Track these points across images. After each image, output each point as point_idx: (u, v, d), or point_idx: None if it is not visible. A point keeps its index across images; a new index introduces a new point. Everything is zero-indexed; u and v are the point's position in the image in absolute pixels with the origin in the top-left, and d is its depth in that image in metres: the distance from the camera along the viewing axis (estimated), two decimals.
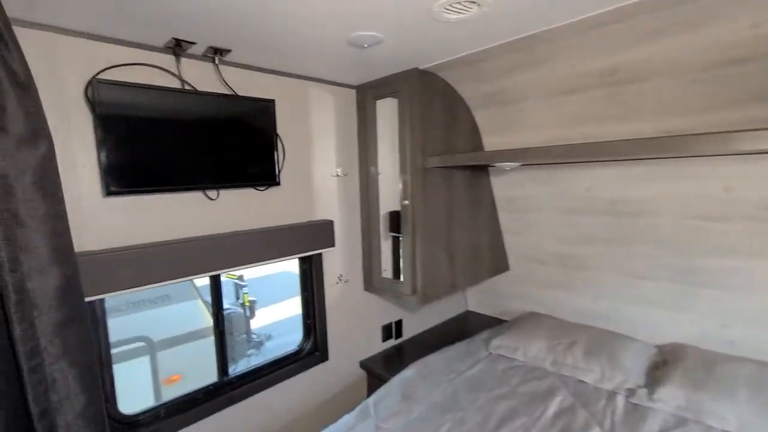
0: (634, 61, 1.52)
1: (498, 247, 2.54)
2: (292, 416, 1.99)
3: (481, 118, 2.20)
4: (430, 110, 1.95)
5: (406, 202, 1.98)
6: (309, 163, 1.99)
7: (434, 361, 2.12)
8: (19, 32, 1.16)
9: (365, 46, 1.46)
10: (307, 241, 1.93)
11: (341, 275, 2.18)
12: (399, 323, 2.56)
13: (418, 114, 1.89)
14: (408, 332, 2.63)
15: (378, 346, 2.44)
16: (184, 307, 3.52)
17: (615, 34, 1.44)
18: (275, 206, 1.85)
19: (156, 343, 3.06)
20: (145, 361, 3.01)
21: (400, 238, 2.07)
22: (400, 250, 2.10)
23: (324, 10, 1.19)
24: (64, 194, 1.27)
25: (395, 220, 2.12)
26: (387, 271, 2.24)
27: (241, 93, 1.66)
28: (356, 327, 2.30)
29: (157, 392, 3.04)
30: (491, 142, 2.25)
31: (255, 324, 4.92)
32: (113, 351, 1.48)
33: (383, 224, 2.19)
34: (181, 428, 1.59)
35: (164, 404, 1.61)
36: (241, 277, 4.87)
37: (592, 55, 1.58)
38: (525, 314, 2.58)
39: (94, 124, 1.29)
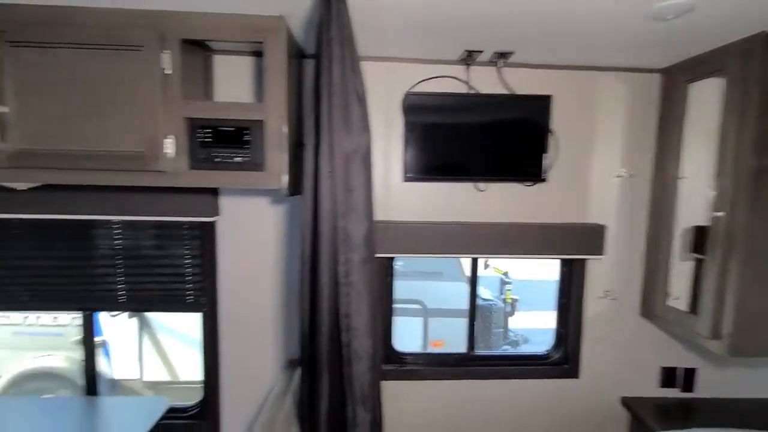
0: None
1: None
2: (526, 416, 1.95)
3: None
4: None
5: (720, 214, 1.48)
6: (585, 160, 1.83)
7: None
8: (370, 65, 1.72)
9: (669, 18, 1.20)
10: (571, 243, 1.81)
11: (608, 290, 1.91)
12: (690, 372, 1.96)
13: (756, 96, 1.37)
14: (706, 389, 1.97)
15: (651, 389, 1.97)
16: (452, 286, 4.03)
17: None
18: (541, 203, 1.83)
19: (428, 310, 3.70)
20: (419, 321, 3.70)
21: (704, 262, 1.58)
22: (702, 277, 1.60)
23: None
24: (382, 179, 1.79)
25: (700, 237, 1.63)
26: (678, 300, 1.76)
27: (519, 92, 1.74)
28: (622, 355, 1.95)
29: (424, 348, 3.68)
30: None
31: (514, 323, 4.97)
32: (399, 306, 1.95)
33: (681, 240, 1.73)
34: (431, 378, 1.90)
35: (423, 354, 1.98)
36: (506, 274, 5.03)
37: None
38: None
39: (404, 126, 1.71)
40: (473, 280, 1.98)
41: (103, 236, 1.74)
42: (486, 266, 5.44)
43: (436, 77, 1.74)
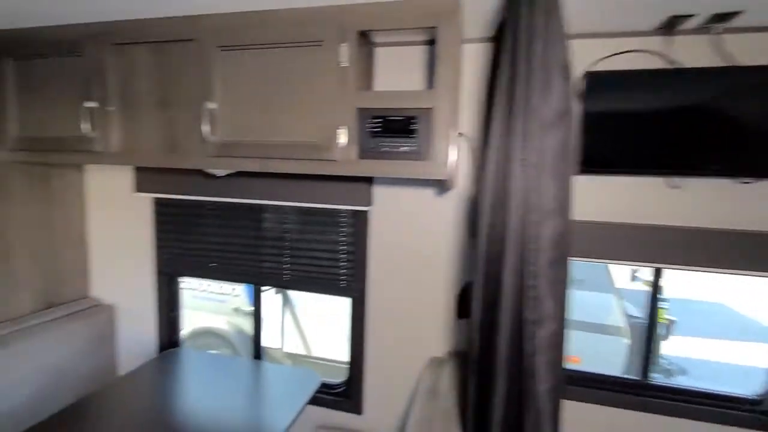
0: None
1: None
2: None
3: None
4: None
5: None
6: None
7: None
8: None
9: None
10: None
11: None
12: None
13: None
14: None
15: None
16: (596, 297, 3.55)
17: None
18: (764, 206, 1.43)
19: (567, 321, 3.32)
20: None
21: None
22: None
23: None
24: None
25: None
26: None
27: (743, 63, 1.37)
28: None
29: None
30: None
31: (666, 349, 4.20)
32: None
33: None
34: (601, 403, 1.67)
35: (585, 373, 1.77)
36: (661, 289, 4.25)
37: None
38: None
39: (581, 110, 1.49)
40: (654, 294, 1.70)
41: (273, 220, 1.94)
42: (633, 278, 4.68)
43: (625, 52, 1.47)
